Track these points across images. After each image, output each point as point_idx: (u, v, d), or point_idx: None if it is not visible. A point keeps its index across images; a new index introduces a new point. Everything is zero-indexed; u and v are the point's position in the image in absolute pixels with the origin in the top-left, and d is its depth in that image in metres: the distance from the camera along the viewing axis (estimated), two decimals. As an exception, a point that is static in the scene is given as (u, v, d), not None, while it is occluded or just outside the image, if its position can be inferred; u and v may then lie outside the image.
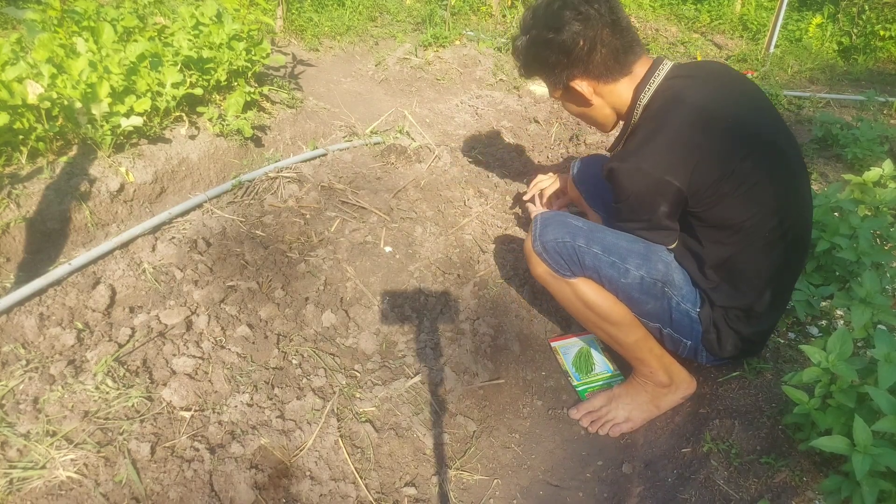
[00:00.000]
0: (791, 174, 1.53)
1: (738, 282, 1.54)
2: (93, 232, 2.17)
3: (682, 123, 1.48)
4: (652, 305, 1.61)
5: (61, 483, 1.37)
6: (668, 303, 1.60)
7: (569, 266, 1.63)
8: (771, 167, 1.48)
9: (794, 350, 1.78)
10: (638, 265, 1.58)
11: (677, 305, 1.61)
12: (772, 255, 1.51)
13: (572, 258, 1.61)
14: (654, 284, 1.58)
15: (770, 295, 1.54)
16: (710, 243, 1.54)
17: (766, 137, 1.50)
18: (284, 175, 2.54)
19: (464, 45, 4.56)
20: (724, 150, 1.46)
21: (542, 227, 1.65)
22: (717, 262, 1.55)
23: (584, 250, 1.60)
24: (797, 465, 1.41)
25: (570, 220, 1.66)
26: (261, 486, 1.47)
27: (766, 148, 1.49)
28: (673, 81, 1.56)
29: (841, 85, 4.41)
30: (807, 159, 3.08)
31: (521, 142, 3.22)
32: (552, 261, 1.64)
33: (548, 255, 1.64)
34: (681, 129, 1.47)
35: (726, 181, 1.45)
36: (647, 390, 1.79)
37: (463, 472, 1.67)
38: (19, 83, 2.09)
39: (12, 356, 1.65)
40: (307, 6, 4.78)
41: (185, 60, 2.69)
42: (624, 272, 1.58)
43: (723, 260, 1.54)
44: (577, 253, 1.60)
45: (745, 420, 1.58)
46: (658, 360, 1.74)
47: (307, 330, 1.93)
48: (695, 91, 1.51)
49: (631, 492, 1.61)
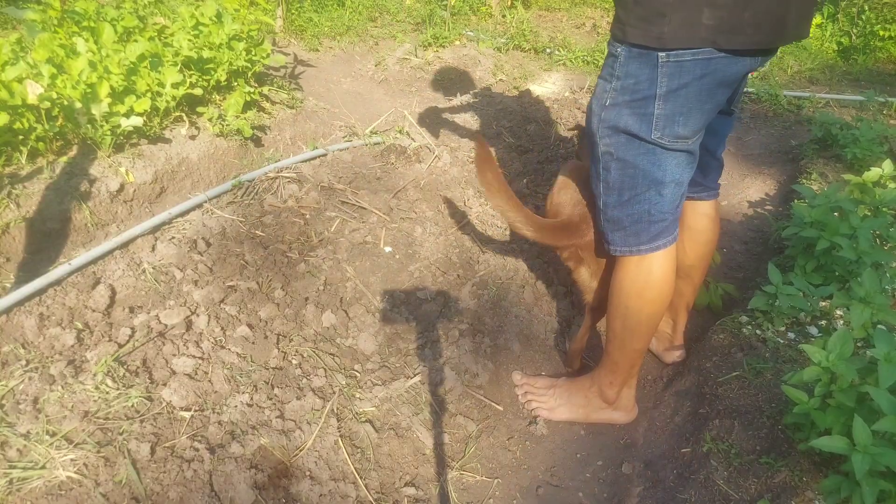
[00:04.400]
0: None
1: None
2: (93, 232, 2.17)
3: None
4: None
5: (61, 483, 1.37)
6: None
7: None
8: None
9: (794, 350, 1.78)
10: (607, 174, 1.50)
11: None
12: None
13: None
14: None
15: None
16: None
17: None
18: (284, 175, 2.54)
19: (464, 45, 4.57)
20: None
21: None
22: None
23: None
24: (797, 465, 1.41)
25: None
26: (261, 486, 1.47)
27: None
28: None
29: (841, 85, 4.41)
30: (807, 159, 3.08)
31: (521, 142, 3.22)
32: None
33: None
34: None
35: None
36: (588, 396, 1.80)
37: (463, 472, 1.67)
38: (19, 83, 2.10)
39: (12, 356, 1.65)
40: (307, 6, 4.79)
41: (185, 60, 2.69)
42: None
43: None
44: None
45: (745, 420, 1.58)
46: (625, 378, 1.74)
47: (307, 330, 1.93)
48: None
49: (631, 492, 1.61)
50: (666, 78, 1.32)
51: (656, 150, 1.42)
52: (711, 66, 1.30)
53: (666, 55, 1.29)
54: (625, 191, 1.49)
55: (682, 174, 1.48)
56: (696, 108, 1.36)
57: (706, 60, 1.28)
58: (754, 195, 2.99)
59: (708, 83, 1.33)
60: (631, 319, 1.61)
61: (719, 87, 1.35)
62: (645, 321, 1.61)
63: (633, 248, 1.56)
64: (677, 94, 1.33)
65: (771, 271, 1.83)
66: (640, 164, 1.44)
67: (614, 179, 1.49)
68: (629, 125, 1.40)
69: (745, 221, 2.80)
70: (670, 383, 1.96)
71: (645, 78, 1.33)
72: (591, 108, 1.48)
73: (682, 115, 1.36)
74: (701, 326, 2.15)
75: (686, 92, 1.33)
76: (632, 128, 1.40)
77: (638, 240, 1.54)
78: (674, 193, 1.50)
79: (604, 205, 1.55)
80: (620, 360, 1.69)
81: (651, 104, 1.35)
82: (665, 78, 1.32)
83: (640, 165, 1.44)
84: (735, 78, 1.35)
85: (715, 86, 1.34)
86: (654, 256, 1.55)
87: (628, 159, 1.45)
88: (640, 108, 1.37)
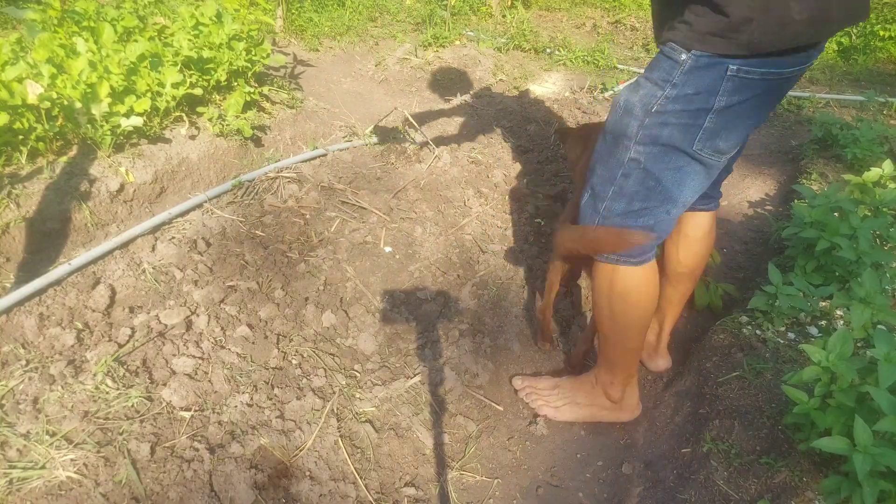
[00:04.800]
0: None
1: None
2: (93, 232, 2.17)
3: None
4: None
5: (61, 483, 1.36)
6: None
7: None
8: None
9: (794, 350, 1.78)
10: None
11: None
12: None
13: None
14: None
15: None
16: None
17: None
18: (284, 175, 2.54)
19: (464, 45, 4.57)
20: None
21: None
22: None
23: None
24: (797, 466, 1.41)
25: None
26: (261, 486, 1.47)
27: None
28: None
29: (841, 85, 4.41)
30: (807, 160, 3.08)
31: (521, 142, 3.22)
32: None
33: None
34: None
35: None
36: (591, 395, 1.77)
37: (463, 472, 1.67)
38: (19, 83, 2.09)
39: (12, 356, 1.65)
40: (307, 6, 4.78)
41: (185, 60, 2.68)
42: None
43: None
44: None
45: (745, 420, 1.58)
46: (625, 377, 1.72)
47: (307, 330, 1.93)
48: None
49: (631, 492, 1.61)
50: (727, 93, 1.25)
51: (686, 166, 1.36)
52: (775, 80, 1.24)
53: (737, 68, 1.21)
54: (636, 201, 1.43)
55: (694, 195, 1.45)
56: (742, 123, 1.31)
57: (774, 80, 1.23)
58: (754, 195, 2.99)
59: (764, 97, 1.28)
60: (618, 321, 1.59)
61: (772, 98, 1.31)
62: (634, 321, 1.59)
63: (622, 259, 1.52)
64: (731, 110, 1.27)
65: (771, 271, 1.83)
66: (664, 178, 1.38)
67: (631, 188, 1.42)
68: (672, 136, 1.32)
69: (745, 221, 2.80)
70: (670, 383, 1.96)
71: (705, 89, 1.25)
72: (628, 109, 1.37)
73: (726, 130, 1.31)
74: (701, 326, 2.15)
75: (740, 107, 1.27)
76: (673, 139, 1.32)
77: (629, 252, 1.50)
78: (678, 214, 1.47)
79: (606, 209, 1.48)
80: (616, 360, 1.68)
81: (703, 117, 1.28)
82: (727, 93, 1.25)
83: (663, 180, 1.38)
84: (791, 83, 1.30)
85: (768, 99, 1.30)
86: (639, 268, 1.53)
87: (654, 172, 1.38)
88: (690, 119, 1.30)
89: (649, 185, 1.40)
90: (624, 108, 1.38)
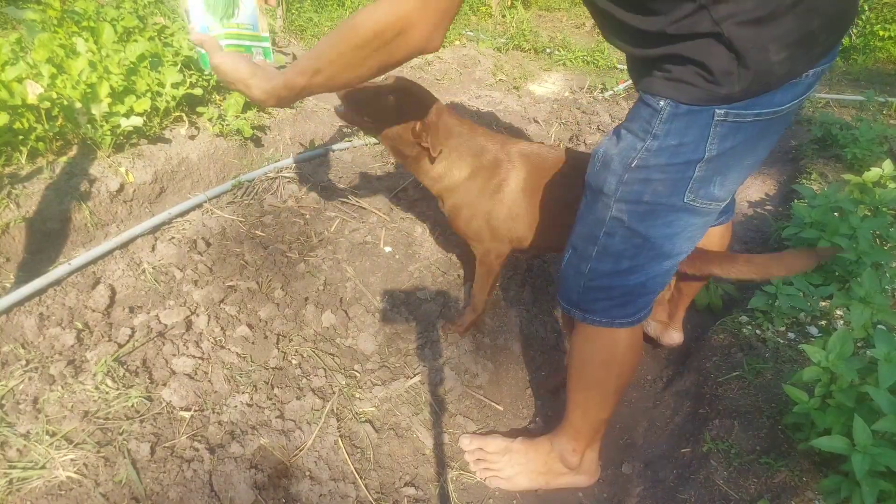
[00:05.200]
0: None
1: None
2: (92, 232, 2.17)
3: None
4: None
5: (61, 483, 1.36)
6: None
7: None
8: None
9: (794, 350, 1.78)
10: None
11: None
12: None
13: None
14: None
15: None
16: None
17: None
18: (284, 175, 2.54)
19: (463, 45, 4.57)
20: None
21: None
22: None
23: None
24: (797, 465, 1.41)
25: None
26: (261, 486, 1.47)
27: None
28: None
29: (840, 85, 4.41)
30: (807, 159, 3.08)
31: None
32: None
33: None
34: None
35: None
36: (547, 461, 1.61)
37: (463, 471, 1.67)
38: (19, 83, 2.09)
39: (12, 356, 1.65)
40: (307, 6, 4.79)
41: (184, 60, 2.68)
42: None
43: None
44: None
45: (745, 420, 1.58)
46: (588, 443, 1.58)
47: (307, 330, 1.93)
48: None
49: (631, 492, 1.61)
50: (718, 139, 1.10)
51: (677, 220, 1.21)
52: (772, 118, 1.10)
53: (725, 113, 1.07)
54: (624, 260, 1.28)
55: (692, 245, 1.30)
56: (738, 166, 1.17)
57: (769, 119, 1.09)
58: (754, 195, 2.99)
59: (761, 136, 1.14)
60: (596, 391, 1.47)
61: (770, 135, 1.16)
62: (612, 392, 1.47)
63: (614, 321, 1.36)
64: (723, 156, 1.13)
65: (771, 271, 1.83)
66: (652, 235, 1.23)
67: (616, 247, 1.27)
68: (657, 193, 1.17)
69: (745, 221, 2.80)
70: (670, 383, 1.96)
71: (692, 139, 1.11)
72: (606, 163, 1.22)
73: (721, 176, 1.16)
74: (701, 326, 2.15)
75: (734, 151, 1.13)
76: (659, 196, 1.17)
77: (623, 311, 1.35)
78: (675, 265, 1.32)
79: (591, 271, 1.32)
80: (583, 428, 1.54)
81: (692, 168, 1.14)
82: (717, 139, 1.10)
83: (652, 237, 1.23)
84: (791, 116, 1.16)
85: (766, 137, 1.15)
86: (626, 329, 1.38)
87: (640, 230, 1.22)
88: (677, 172, 1.15)
89: (636, 242, 1.24)
90: (602, 160, 1.23)
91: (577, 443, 1.56)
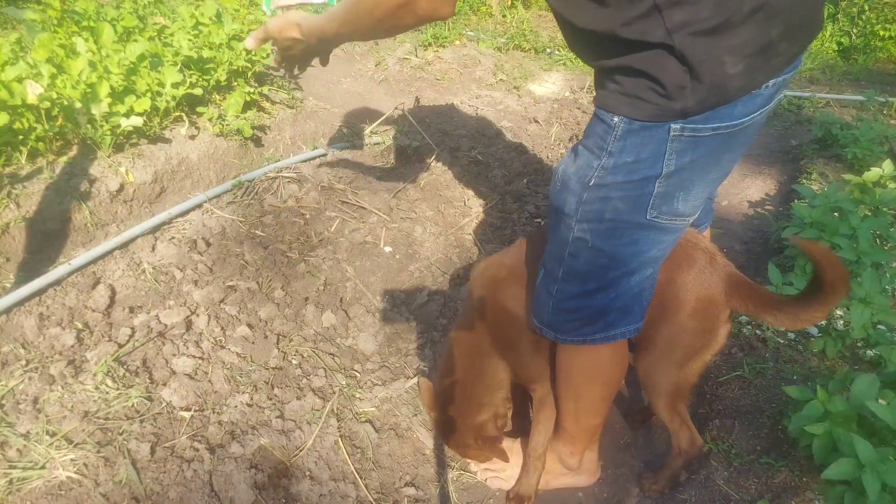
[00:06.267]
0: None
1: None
2: (92, 232, 2.17)
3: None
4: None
5: (61, 483, 1.36)
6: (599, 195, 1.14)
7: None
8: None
9: (794, 350, 1.78)
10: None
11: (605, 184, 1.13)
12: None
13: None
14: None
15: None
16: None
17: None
18: (284, 175, 2.54)
19: (464, 45, 4.56)
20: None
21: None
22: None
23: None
24: (797, 465, 1.41)
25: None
26: (261, 486, 1.47)
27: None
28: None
29: (841, 85, 4.41)
30: (807, 159, 3.08)
31: (521, 142, 3.22)
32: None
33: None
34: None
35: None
36: (547, 462, 1.57)
37: (463, 471, 1.67)
38: (19, 83, 2.09)
39: (12, 356, 1.65)
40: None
41: (184, 60, 2.68)
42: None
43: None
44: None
45: (745, 420, 1.58)
46: (586, 446, 1.55)
47: (307, 330, 1.93)
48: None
49: (631, 492, 1.61)
50: (675, 155, 1.06)
51: (643, 238, 1.18)
52: (731, 132, 1.06)
53: (681, 128, 1.03)
54: (591, 281, 1.24)
55: (661, 259, 1.26)
56: (701, 181, 1.13)
57: (729, 132, 1.05)
58: (754, 195, 2.99)
59: (722, 150, 1.09)
60: (584, 401, 1.44)
61: (734, 148, 1.12)
62: (600, 401, 1.44)
63: (585, 338, 1.31)
64: (683, 171, 1.09)
65: (771, 271, 1.83)
66: (618, 254, 1.19)
67: (581, 268, 1.23)
68: (617, 210, 1.14)
69: (745, 221, 2.80)
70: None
71: (648, 156, 1.07)
72: (565, 182, 1.19)
73: (683, 191, 1.12)
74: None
75: (694, 166, 1.09)
76: (619, 214, 1.14)
77: (593, 329, 1.30)
78: (647, 280, 1.27)
79: (559, 292, 1.28)
80: (577, 433, 1.51)
81: (651, 184, 1.10)
82: (675, 155, 1.06)
83: (618, 256, 1.20)
84: (755, 128, 1.12)
85: (728, 150, 1.11)
86: (608, 344, 1.32)
87: (605, 249, 1.19)
88: (635, 189, 1.11)
89: (602, 263, 1.21)
90: (562, 180, 1.19)
91: (573, 446, 1.54)
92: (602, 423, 1.51)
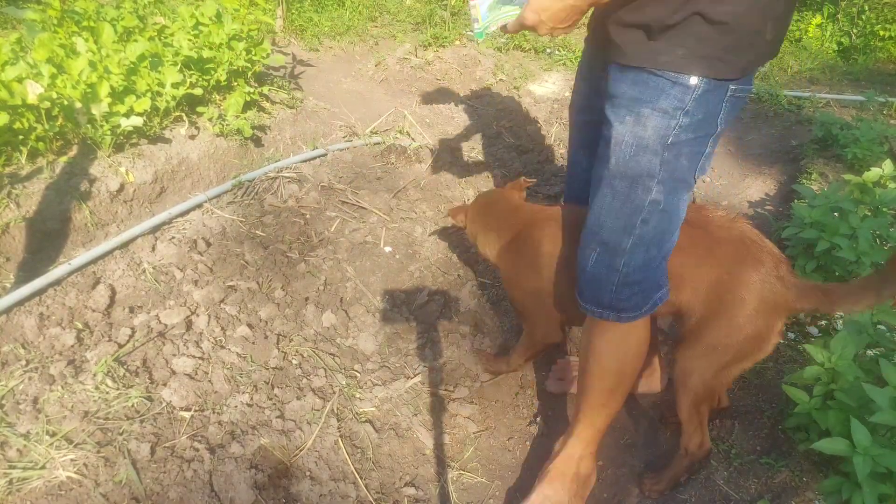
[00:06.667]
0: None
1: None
2: (93, 232, 2.17)
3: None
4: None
5: (61, 483, 1.36)
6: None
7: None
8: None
9: (794, 350, 1.78)
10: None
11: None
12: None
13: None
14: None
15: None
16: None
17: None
18: (284, 175, 2.54)
19: (464, 45, 4.56)
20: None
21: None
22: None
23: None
24: (797, 466, 1.41)
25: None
26: (261, 486, 1.47)
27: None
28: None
29: (841, 85, 4.41)
30: (807, 159, 3.08)
31: (521, 142, 3.22)
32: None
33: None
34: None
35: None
36: (558, 483, 1.50)
37: (463, 472, 1.67)
38: (19, 83, 2.09)
39: (12, 356, 1.65)
40: (307, 6, 4.78)
41: (185, 60, 2.68)
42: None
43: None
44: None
45: (745, 420, 1.58)
46: (597, 447, 1.51)
47: (307, 330, 1.93)
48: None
49: (631, 492, 1.61)
50: (725, 114, 1.19)
51: (685, 198, 1.27)
52: (746, 98, 1.22)
53: (735, 88, 1.16)
54: (653, 248, 1.27)
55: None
56: (715, 144, 1.25)
57: (745, 99, 1.22)
58: (754, 195, 2.99)
59: (735, 116, 1.25)
60: (621, 386, 1.43)
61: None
62: (630, 379, 1.43)
63: (641, 312, 1.33)
64: (721, 131, 1.22)
65: (771, 271, 1.83)
66: (677, 214, 1.27)
67: (649, 234, 1.26)
68: (684, 168, 1.21)
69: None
70: (670, 383, 1.96)
71: (709, 115, 1.18)
72: (640, 146, 1.20)
73: (712, 152, 1.24)
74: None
75: (726, 126, 1.23)
76: (684, 171, 1.22)
77: (649, 300, 1.32)
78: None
79: (626, 265, 1.28)
80: (601, 425, 1.48)
81: (706, 143, 1.21)
82: (725, 115, 1.19)
83: (676, 216, 1.27)
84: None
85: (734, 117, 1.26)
86: (643, 320, 1.35)
87: (670, 209, 1.24)
88: (698, 146, 1.21)
89: (664, 227, 1.26)
90: (636, 145, 1.21)
91: (586, 447, 1.50)
92: (616, 413, 1.49)
